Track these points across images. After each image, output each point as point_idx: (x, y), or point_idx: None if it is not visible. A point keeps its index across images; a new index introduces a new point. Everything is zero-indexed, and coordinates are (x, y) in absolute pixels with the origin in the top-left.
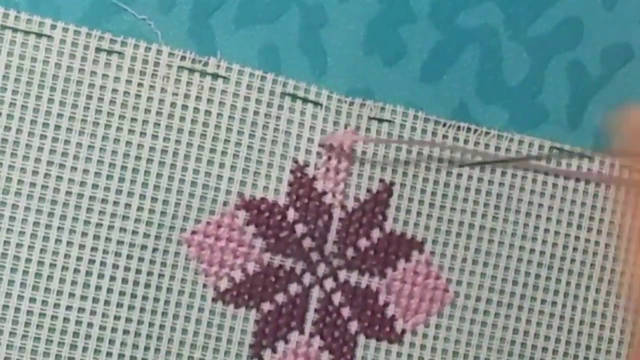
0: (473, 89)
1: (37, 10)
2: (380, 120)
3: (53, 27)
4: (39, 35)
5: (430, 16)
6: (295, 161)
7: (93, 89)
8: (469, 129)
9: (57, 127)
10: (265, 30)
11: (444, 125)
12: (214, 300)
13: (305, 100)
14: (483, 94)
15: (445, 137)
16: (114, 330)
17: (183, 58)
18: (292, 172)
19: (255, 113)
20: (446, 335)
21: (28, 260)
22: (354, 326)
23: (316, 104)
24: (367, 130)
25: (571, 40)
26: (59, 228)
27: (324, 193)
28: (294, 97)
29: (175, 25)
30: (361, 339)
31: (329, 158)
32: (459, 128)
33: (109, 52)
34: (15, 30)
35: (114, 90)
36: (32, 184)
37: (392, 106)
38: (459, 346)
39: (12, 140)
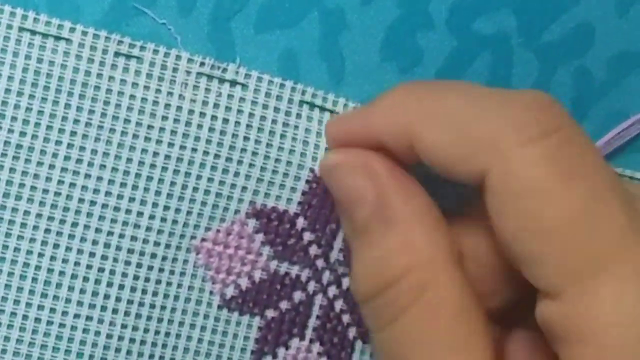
0: None
1: (56, 11)
2: None
3: (72, 30)
4: (58, 38)
5: (448, 22)
6: (312, 171)
7: (110, 94)
8: None
9: (73, 133)
10: (285, 35)
11: None
12: (220, 307)
13: (322, 109)
14: None
15: None
16: (120, 338)
17: (202, 64)
18: (307, 181)
19: (274, 121)
20: None
21: (37, 268)
22: (352, 332)
23: (333, 112)
24: None
25: (582, 46)
26: (69, 235)
27: None
28: (311, 106)
29: (195, 29)
30: (358, 344)
31: None
32: None
33: (128, 57)
34: (33, 32)
35: (132, 96)
36: (45, 191)
37: None
38: None
39: (26, 145)
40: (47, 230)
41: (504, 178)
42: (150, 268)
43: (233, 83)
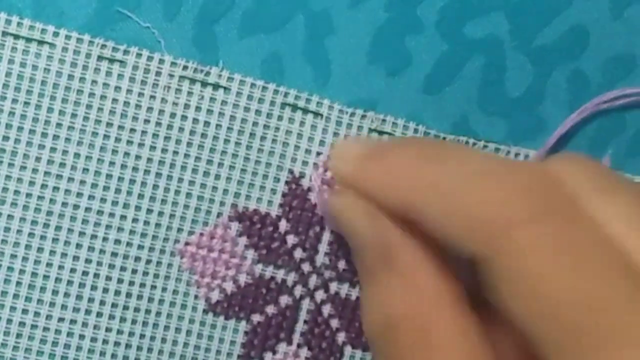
0: (474, 101)
1: (40, 15)
2: (381, 133)
3: (55, 34)
4: (41, 42)
5: (438, 25)
6: (291, 172)
7: (93, 98)
8: (467, 142)
9: (56, 137)
10: (270, 39)
11: (444, 139)
12: (205, 311)
13: (305, 111)
14: (484, 105)
15: None
16: (105, 342)
17: (185, 67)
18: (287, 183)
19: (254, 124)
20: None
21: (21, 272)
22: (341, 337)
23: (317, 114)
24: None
25: (576, 50)
26: (53, 239)
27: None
28: (294, 108)
29: (179, 33)
30: (347, 349)
31: (326, 170)
32: (457, 142)
33: (111, 61)
34: (17, 37)
35: (114, 100)
36: (29, 195)
37: (393, 118)
38: None
39: (9, 150)
40: (31, 234)
41: (502, 264)
42: (134, 271)
43: (215, 86)
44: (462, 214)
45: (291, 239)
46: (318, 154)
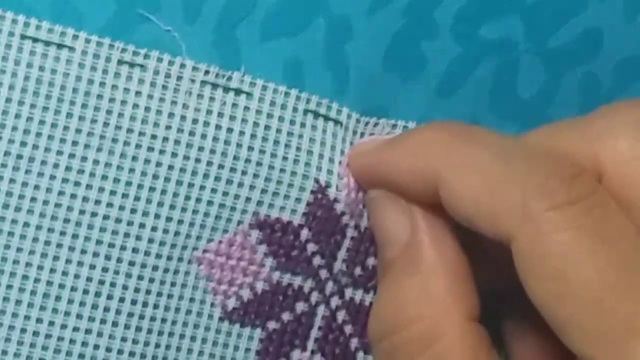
0: (486, 102)
1: (59, 17)
2: None
3: (75, 37)
4: (60, 45)
5: (453, 28)
6: (317, 181)
7: (113, 103)
8: None
9: (75, 143)
10: (291, 43)
11: None
12: (221, 319)
13: (327, 119)
14: (495, 108)
15: None
16: (120, 352)
17: (207, 72)
18: (312, 192)
19: (278, 131)
20: None
21: (37, 280)
22: (354, 343)
23: (337, 122)
24: None
25: (589, 52)
26: (70, 248)
27: (343, 214)
28: (316, 115)
29: (200, 37)
30: (360, 355)
31: (350, 178)
32: None
33: (131, 65)
34: (35, 40)
35: (135, 105)
36: (45, 202)
37: (404, 123)
38: None
39: (27, 156)
40: (47, 243)
41: (531, 243)
42: (151, 280)
43: (238, 92)
44: (490, 193)
45: (311, 247)
46: (340, 163)
